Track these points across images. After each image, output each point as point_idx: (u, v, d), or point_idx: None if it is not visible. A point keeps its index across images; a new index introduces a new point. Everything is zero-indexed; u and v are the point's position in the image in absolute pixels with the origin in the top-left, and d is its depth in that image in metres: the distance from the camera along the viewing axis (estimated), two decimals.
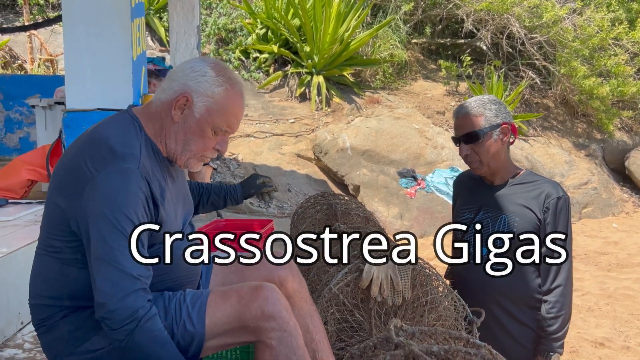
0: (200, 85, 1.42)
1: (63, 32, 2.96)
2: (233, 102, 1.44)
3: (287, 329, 1.36)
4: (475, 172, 2.03)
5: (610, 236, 7.10)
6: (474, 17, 9.17)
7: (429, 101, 8.91)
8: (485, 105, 1.94)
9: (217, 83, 1.42)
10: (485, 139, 1.92)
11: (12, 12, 9.45)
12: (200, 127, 1.42)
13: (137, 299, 1.26)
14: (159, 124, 1.45)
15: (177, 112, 1.42)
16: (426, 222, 6.75)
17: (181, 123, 1.43)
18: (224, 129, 1.44)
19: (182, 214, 1.54)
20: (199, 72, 1.43)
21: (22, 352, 2.25)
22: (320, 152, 7.30)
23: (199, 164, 1.49)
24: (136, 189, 1.31)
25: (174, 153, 1.45)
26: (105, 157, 1.33)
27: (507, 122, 1.95)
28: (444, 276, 2.18)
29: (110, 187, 1.29)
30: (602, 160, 9.04)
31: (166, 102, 1.44)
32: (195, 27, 5.71)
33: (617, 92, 9.02)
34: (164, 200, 1.40)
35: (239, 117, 1.47)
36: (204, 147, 1.45)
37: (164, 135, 1.45)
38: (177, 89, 1.43)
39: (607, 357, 4.00)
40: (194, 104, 1.41)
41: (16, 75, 7.31)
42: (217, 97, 1.42)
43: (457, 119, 1.99)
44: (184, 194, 1.59)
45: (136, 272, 1.27)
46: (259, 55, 9.03)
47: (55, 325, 1.40)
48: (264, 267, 1.61)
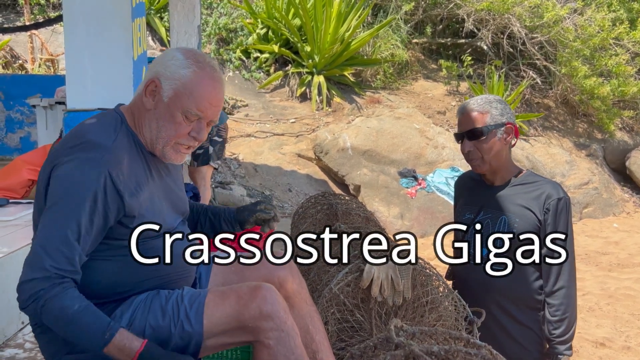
0: (168, 69, 1.40)
1: (64, 32, 2.96)
2: (202, 84, 1.40)
3: (284, 328, 1.36)
4: (476, 170, 2.02)
5: (611, 236, 7.10)
6: (475, 16, 9.16)
7: (429, 101, 8.91)
8: (491, 104, 1.94)
9: (185, 65, 1.39)
10: (489, 137, 1.92)
11: (13, 12, 9.46)
12: (169, 112, 1.39)
13: (42, 281, 1.25)
14: (137, 115, 1.45)
15: (149, 99, 1.41)
16: (427, 222, 6.75)
17: (153, 110, 1.41)
18: (195, 113, 1.40)
19: (170, 211, 1.51)
20: (169, 57, 1.42)
21: (22, 351, 2.25)
22: (321, 152, 7.30)
23: (176, 155, 1.45)
24: (92, 179, 1.29)
25: (151, 142, 1.43)
26: (73, 148, 1.34)
27: (512, 122, 1.95)
28: (445, 277, 2.18)
29: (69, 174, 1.30)
30: (603, 160, 9.03)
31: (140, 91, 1.44)
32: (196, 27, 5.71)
33: (618, 92, 9.01)
34: (139, 192, 1.37)
35: (212, 101, 1.41)
36: (175, 133, 1.41)
37: (141, 126, 1.44)
38: (148, 76, 1.43)
39: (608, 357, 3.99)
40: (162, 89, 1.39)
41: (17, 75, 7.31)
42: (184, 79, 1.39)
43: (463, 115, 1.98)
44: (175, 193, 1.56)
45: (50, 264, 1.25)
46: (260, 55, 9.03)
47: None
48: (264, 267, 1.60)
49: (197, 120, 1.42)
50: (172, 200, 1.54)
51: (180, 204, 1.58)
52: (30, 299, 1.25)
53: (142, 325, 1.38)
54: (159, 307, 1.40)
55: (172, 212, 1.52)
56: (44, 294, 1.24)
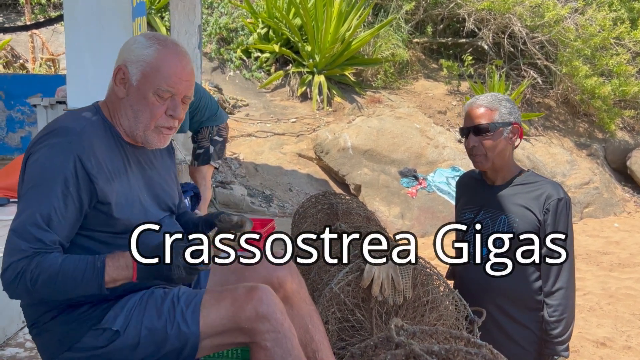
0: (132, 53, 1.41)
1: (64, 32, 2.97)
2: (166, 60, 1.40)
3: (281, 330, 1.35)
4: (477, 167, 2.02)
5: (611, 236, 7.09)
6: (476, 16, 9.16)
7: (430, 101, 8.91)
8: (500, 102, 1.94)
9: (147, 45, 1.40)
10: (495, 134, 1.92)
11: (13, 12, 9.47)
12: (141, 95, 1.40)
13: (21, 260, 1.25)
14: (112, 106, 1.45)
15: (120, 88, 1.42)
16: (427, 221, 6.74)
17: (126, 97, 1.42)
18: (166, 89, 1.39)
19: (153, 205, 1.49)
20: (132, 42, 1.43)
21: (23, 350, 2.25)
22: (322, 151, 7.30)
23: (159, 138, 1.44)
24: (60, 163, 1.30)
25: (129, 130, 1.43)
26: (44, 136, 1.35)
27: (518, 123, 1.95)
28: (446, 276, 2.18)
29: (37, 160, 1.32)
30: (604, 160, 9.02)
31: (112, 83, 1.45)
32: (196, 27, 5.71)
33: (619, 92, 9.01)
34: (114, 180, 1.37)
35: (181, 75, 1.41)
36: (152, 115, 1.41)
37: (118, 116, 1.44)
38: (115, 65, 1.44)
39: (609, 357, 3.99)
40: (130, 73, 1.40)
41: (18, 75, 7.32)
42: (149, 58, 1.39)
43: (471, 109, 1.96)
44: (160, 187, 1.54)
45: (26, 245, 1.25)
46: (260, 55, 9.03)
47: (47, 327, 1.40)
48: (263, 267, 1.60)
49: (171, 98, 1.42)
50: (156, 194, 1.52)
51: (165, 199, 1.55)
52: (16, 280, 1.25)
53: (138, 328, 1.38)
54: (154, 308, 1.39)
55: (155, 206, 1.50)
56: (26, 267, 1.24)
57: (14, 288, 1.26)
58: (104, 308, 1.39)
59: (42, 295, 1.27)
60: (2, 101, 6.07)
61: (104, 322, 1.38)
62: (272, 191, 6.70)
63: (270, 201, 6.49)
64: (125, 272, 1.28)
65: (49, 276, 1.25)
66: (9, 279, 1.26)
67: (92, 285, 1.27)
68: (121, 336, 1.37)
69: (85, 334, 1.38)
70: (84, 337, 1.38)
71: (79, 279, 1.26)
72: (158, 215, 1.51)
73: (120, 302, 1.41)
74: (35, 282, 1.24)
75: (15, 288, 1.26)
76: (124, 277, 1.29)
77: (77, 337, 1.38)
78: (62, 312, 1.39)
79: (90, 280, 1.26)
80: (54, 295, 1.28)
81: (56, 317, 1.39)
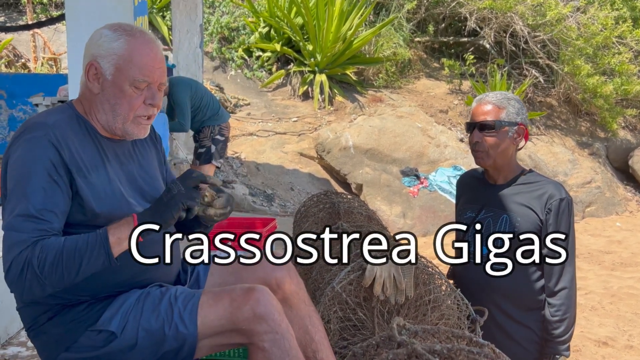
0: (100, 48, 1.40)
1: (66, 31, 2.97)
2: (137, 50, 1.39)
3: (279, 331, 1.35)
4: (478, 164, 2.01)
5: (613, 235, 7.08)
6: (477, 15, 9.14)
7: (431, 100, 8.90)
8: (509, 101, 1.94)
9: (115, 38, 1.39)
10: (500, 132, 1.92)
11: (15, 11, 9.48)
12: (118, 88, 1.39)
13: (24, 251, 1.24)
14: (87, 102, 1.45)
15: (94, 84, 1.41)
16: (429, 220, 6.74)
17: (101, 93, 1.41)
18: (142, 79, 1.39)
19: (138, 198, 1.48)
20: (98, 37, 1.42)
21: (25, 349, 2.26)
22: (323, 150, 7.30)
23: (139, 128, 1.44)
24: (40, 155, 1.31)
25: (107, 124, 1.43)
26: (19, 133, 1.36)
27: (524, 124, 1.95)
28: (446, 276, 2.17)
29: (17, 157, 1.32)
30: (606, 159, 9.01)
31: (84, 80, 1.44)
32: (198, 26, 5.72)
33: (621, 91, 8.98)
34: (90, 174, 1.37)
35: (154, 63, 1.41)
36: (131, 106, 1.41)
37: (94, 111, 1.44)
38: (85, 63, 1.43)
39: (611, 356, 3.99)
40: (102, 68, 1.39)
41: (20, 74, 7.33)
42: (119, 50, 1.38)
43: (479, 105, 1.96)
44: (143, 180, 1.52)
45: (27, 236, 1.25)
46: (262, 54, 9.03)
47: (44, 328, 1.40)
48: (262, 268, 1.59)
49: (147, 87, 1.42)
50: (139, 187, 1.50)
51: (149, 191, 1.53)
52: (24, 271, 1.23)
53: (135, 328, 1.37)
54: (151, 309, 1.39)
55: (138, 198, 1.48)
56: (31, 255, 1.23)
57: (22, 281, 1.24)
58: (99, 308, 1.39)
59: (52, 280, 1.24)
60: (4, 100, 6.07)
61: (100, 323, 1.38)
62: (273, 190, 6.70)
63: (272, 200, 6.49)
64: (126, 226, 1.29)
65: (54, 256, 1.24)
66: (15, 273, 1.23)
67: (100, 252, 1.26)
68: (118, 337, 1.37)
69: (81, 334, 1.37)
70: (80, 337, 1.37)
71: (84, 249, 1.26)
72: (142, 208, 1.48)
73: (116, 303, 1.40)
74: (43, 266, 1.23)
75: (24, 280, 1.23)
76: (127, 232, 1.29)
77: (73, 338, 1.38)
78: (57, 313, 1.39)
79: (96, 246, 1.26)
80: (64, 276, 1.25)
81: (52, 319, 1.39)
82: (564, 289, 1.90)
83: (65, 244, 1.26)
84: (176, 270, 1.59)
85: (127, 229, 1.29)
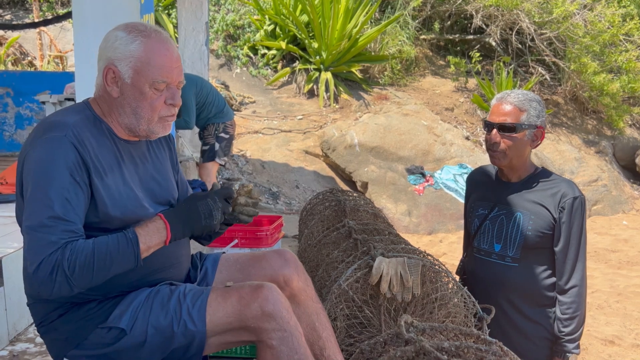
0: (117, 51, 1.38)
1: (73, 29, 2.97)
2: (154, 51, 1.38)
3: (287, 328, 1.35)
4: (494, 163, 2.01)
5: (620, 234, 7.04)
6: (483, 12, 9.11)
7: (437, 97, 8.87)
8: (531, 103, 1.92)
9: (130, 40, 1.38)
10: (520, 135, 1.91)
11: (21, 9, 9.51)
12: (138, 91, 1.39)
13: (53, 253, 1.24)
14: (106, 105, 1.44)
15: (113, 88, 1.40)
16: (434, 219, 6.73)
17: (121, 96, 1.41)
18: (162, 81, 1.39)
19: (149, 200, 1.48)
20: (112, 39, 1.40)
21: (33, 346, 2.27)
22: (328, 148, 7.29)
23: (164, 127, 1.45)
24: (61, 155, 1.30)
25: (131, 127, 1.43)
26: (37, 133, 1.36)
27: (543, 126, 1.94)
28: (456, 272, 2.18)
29: (37, 157, 1.31)
30: (612, 157, 8.96)
31: (100, 83, 1.43)
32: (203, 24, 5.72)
33: (628, 89, 8.93)
34: (107, 175, 1.37)
35: (172, 63, 1.40)
36: (153, 108, 1.41)
37: (115, 115, 1.43)
38: (102, 66, 1.42)
39: (617, 354, 3.97)
40: (120, 72, 1.38)
41: (26, 72, 7.36)
42: (136, 53, 1.37)
43: (500, 104, 1.94)
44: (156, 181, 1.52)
45: (55, 237, 1.25)
46: (267, 52, 9.03)
47: (54, 325, 1.41)
48: (269, 265, 1.60)
49: (167, 87, 1.42)
50: (151, 189, 1.50)
51: (162, 193, 1.53)
52: (53, 272, 1.24)
53: (145, 326, 1.38)
54: (161, 306, 1.39)
55: (150, 201, 1.48)
56: (61, 257, 1.24)
57: (51, 282, 1.24)
58: (110, 306, 1.40)
59: (81, 282, 1.26)
60: (10, 98, 6.10)
61: (110, 320, 1.38)
62: (278, 188, 6.71)
63: (277, 198, 6.50)
64: (157, 235, 1.33)
65: (85, 259, 1.25)
66: (45, 274, 1.24)
67: (129, 258, 1.30)
68: (128, 334, 1.37)
69: (91, 332, 1.38)
70: (90, 335, 1.38)
71: (115, 254, 1.28)
72: (155, 210, 1.49)
73: (125, 300, 1.41)
74: (74, 269, 1.24)
75: (53, 282, 1.24)
76: (157, 242, 1.33)
77: (83, 335, 1.38)
78: (68, 310, 1.39)
79: (126, 252, 1.29)
80: (92, 278, 1.27)
81: (63, 315, 1.39)
82: (574, 287, 1.90)
83: (96, 248, 1.27)
84: (186, 269, 1.59)
85: (158, 238, 1.33)
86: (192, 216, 1.37)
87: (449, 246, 6.07)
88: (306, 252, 2.52)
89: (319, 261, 2.26)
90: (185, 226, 1.37)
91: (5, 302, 2.26)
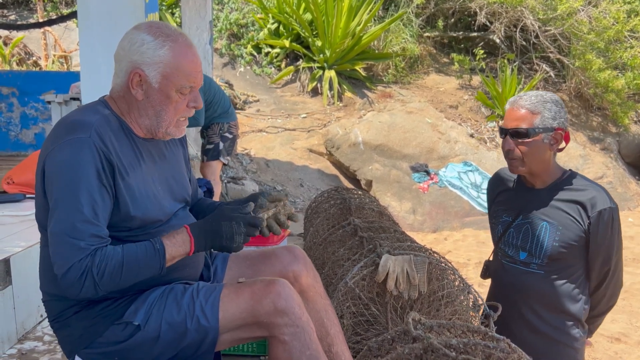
0: (144, 56, 1.38)
1: (78, 28, 2.98)
2: (183, 57, 1.39)
3: (299, 324, 1.36)
4: (512, 171, 1.91)
5: (626, 231, 7.01)
6: (487, 9, 9.08)
7: (441, 95, 8.86)
8: (545, 104, 1.80)
9: (159, 45, 1.38)
10: (534, 140, 1.80)
11: (26, 9, 9.54)
12: (165, 95, 1.40)
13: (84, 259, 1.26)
14: (125, 105, 1.44)
15: (138, 90, 1.40)
16: (439, 216, 6.72)
17: (146, 99, 1.41)
18: (188, 86, 1.41)
19: (168, 197, 1.50)
20: (138, 43, 1.40)
21: (42, 344, 2.28)
22: (332, 147, 7.29)
23: (180, 129, 1.47)
24: (88, 158, 1.31)
25: (151, 128, 1.44)
26: (60, 133, 1.35)
27: (563, 127, 1.82)
28: (480, 275, 2.13)
29: (63, 159, 1.31)
30: (618, 154, 8.92)
31: (123, 85, 1.42)
32: (207, 23, 5.72)
33: (633, 85, 8.89)
34: (128, 175, 1.38)
35: (197, 68, 1.42)
36: (176, 112, 1.43)
37: (135, 115, 1.44)
38: (126, 69, 1.41)
39: (623, 352, 3.96)
40: (148, 77, 1.38)
41: (31, 72, 7.38)
42: (165, 58, 1.38)
43: (512, 109, 1.83)
44: (173, 179, 1.55)
45: (84, 243, 1.27)
46: (271, 50, 9.03)
47: (69, 322, 1.42)
48: (279, 262, 1.61)
49: (191, 91, 1.43)
50: (170, 186, 1.52)
51: (179, 191, 1.56)
52: (82, 277, 1.26)
53: (158, 322, 1.39)
54: (174, 302, 1.41)
55: (169, 199, 1.50)
56: (91, 264, 1.27)
57: (79, 286, 1.27)
58: (125, 303, 1.41)
59: (107, 287, 1.30)
60: (16, 98, 6.12)
61: (126, 316, 1.39)
62: (283, 186, 6.71)
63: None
64: (182, 247, 1.36)
65: (114, 267, 1.28)
66: (74, 278, 1.26)
67: (155, 267, 1.33)
68: (142, 330, 1.38)
69: (107, 329, 1.39)
70: (105, 332, 1.39)
71: (143, 263, 1.31)
72: (173, 208, 1.51)
73: (141, 297, 1.42)
74: (102, 274, 1.27)
75: (81, 286, 1.27)
76: (182, 253, 1.37)
77: (99, 332, 1.40)
78: (84, 307, 1.40)
79: (153, 262, 1.32)
80: (118, 284, 1.31)
81: (78, 313, 1.41)
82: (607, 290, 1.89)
83: (125, 257, 1.30)
84: (200, 269, 1.60)
85: (182, 250, 1.36)
86: (215, 235, 1.38)
87: (454, 244, 6.07)
88: (312, 250, 2.52)
89: (325, 259, 2.26)
90: (207, 242, 1.39)
91: (13, 301, 2.27)
